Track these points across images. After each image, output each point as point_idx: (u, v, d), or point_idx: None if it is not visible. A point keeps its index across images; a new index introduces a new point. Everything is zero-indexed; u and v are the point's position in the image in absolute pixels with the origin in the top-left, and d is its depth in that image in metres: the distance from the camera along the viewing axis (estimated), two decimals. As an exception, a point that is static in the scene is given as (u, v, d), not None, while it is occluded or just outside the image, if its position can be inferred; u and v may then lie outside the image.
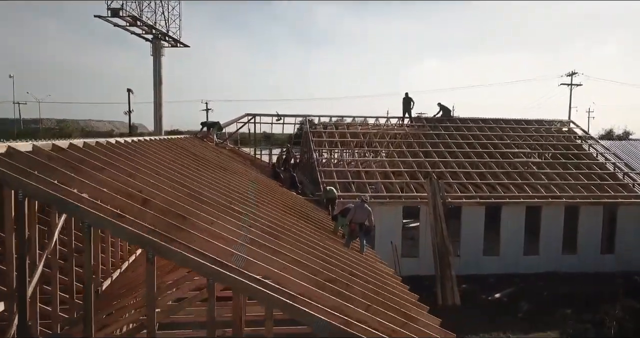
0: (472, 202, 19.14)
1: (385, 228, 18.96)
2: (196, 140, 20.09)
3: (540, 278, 19.48)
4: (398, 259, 18.94)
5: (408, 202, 18.94)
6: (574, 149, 23.75)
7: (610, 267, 20.31)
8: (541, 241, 20.10)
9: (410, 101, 25.43)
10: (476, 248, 19.69)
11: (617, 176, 21.89)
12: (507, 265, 19.76)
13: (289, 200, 14.80)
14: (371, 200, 18.43)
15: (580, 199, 19.79)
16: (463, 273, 19.24)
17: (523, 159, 22.39)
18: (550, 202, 19.50)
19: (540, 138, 24.69)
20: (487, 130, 24.97)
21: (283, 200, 14.16)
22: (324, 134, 24.09)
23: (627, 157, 24.87)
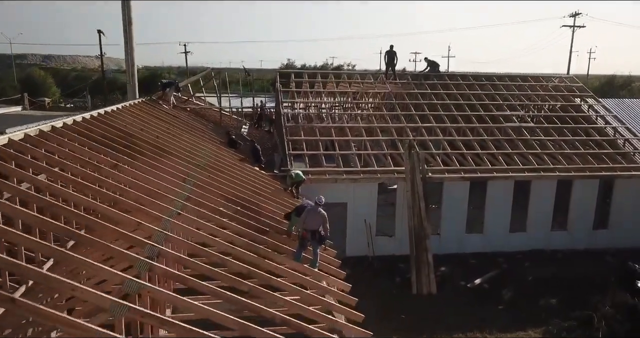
0: (456, 177, 17.18)
1: (358, 206, 17.16)
2: (145, 106, 17.66)
3: (526, 257, 17.99)
4: (372, 238, 17.32)
5: (384, 178, 16.94)
6: (572, 111, 21.50)
7: (602, 243, 18.84)
8: (529, 217, 18.40)
9: (395, 55, 22.76)
10: (458, 226, 18.01)
11: (617, 143, 19.85)
12: (491, 244, 18.20)
13: (240, 186, 12.74)
14: (343, 176, 16.47)
15: (575, 172, 17.86)
16: (443, 253, 17.77)
17: (515, 124, 20.19)
18: (542, 175, 17.57)
19: (535, 97, 22.34)
20: (477, 88, 22.53)
21: (231, 189, 12.11)
22: (295, 93, 21.64)
23: (628, 119, 22.73)
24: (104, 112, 13.68)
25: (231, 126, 23.90)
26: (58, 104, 54.56)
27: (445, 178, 17.17)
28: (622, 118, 21.68)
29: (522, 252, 18.30)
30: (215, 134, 19.34)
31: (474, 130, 19.76)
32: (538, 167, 17.78)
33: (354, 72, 23.56)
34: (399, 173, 16.96)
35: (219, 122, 22.30)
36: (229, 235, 9.17)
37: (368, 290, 15.43)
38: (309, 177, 16.23)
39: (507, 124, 20.16)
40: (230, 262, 7.96)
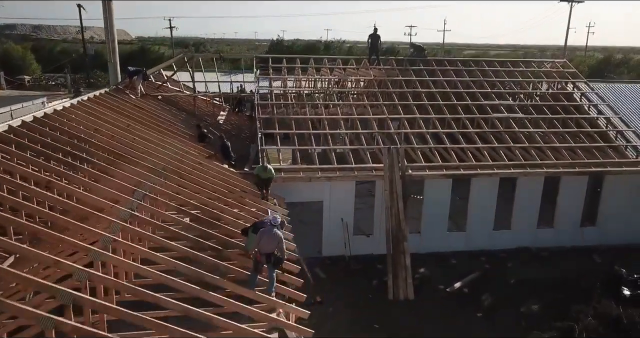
0: (437, 174, 16.29)
1: (335, 204, 16.33)
2: (107, 99, 16.53)
3: (510, 256, 17.30)
4: (349, 238, 16.57)
5: (361, 176, 16.03)
6: (563, 100, 20.46)
7: (590, 241, 18.15)
8: (514, 215, 17.62)
9: (379, 39, 21.53)
10: (440, 225, 17.23)
11: (609, 136, 18.92)
12: (474, 242, 17.50)
13: (200, 192, 11.82)
14: (318, 174, 15.58)
15: (563, 168, 16.99)
16: (424, 252, 17.07)
17: (503, 115, 19.16)
18: (528, 172, 16.70)
19: (525, 85, 21.27)
20: (465, 74, 21.40)
21: (189, 197, 11.20)
22: (273, 81, 20.46)
23: (622, 105, 21.77)
24: (53, 111, 12.60)
25: (207, 113, 22.83)
26: (39, 82, 52.86)
27: (426, 175, 16.28)
28: (616, 104, 20.67)
29: (506, 250, 17.61)
30: (185, 125, 18.30)
31: (459, 122, 18.76)
32: (524, 162, 16.88)
33: (336, 57, 22.32)
34: (377, 170, 16.06)
35: (193, 109, 21.20)
36: (170, 259, 8.30)
37: (342, 294, 14.81)
38: (282, 176, 15.34)
39: (495, 114, 19.14)
40: (164, 299, 7.14)
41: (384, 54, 22.37)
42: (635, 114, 21.47)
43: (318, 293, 14.58)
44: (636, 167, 17.35)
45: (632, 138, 18.83)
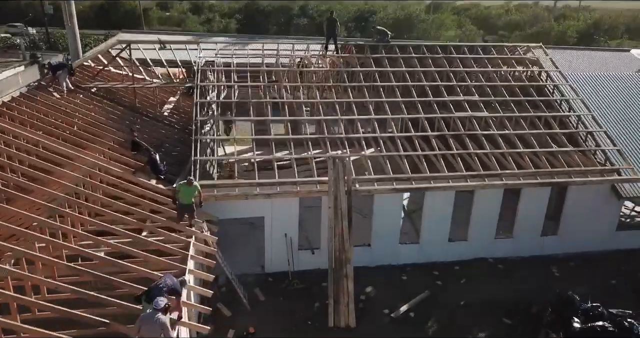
0: (387, 188, 15.00)
1: (277, 220, 15.14)
2: (24, 105, 14.75)
3: (465, 269, 16.42)
4: (292, 255, 15.50)
5: (304, 193, 14.69)
6: (533, 94, 18.87)
7: (550, 249, 17.34)
8: (471, 225, 16.58)
9: (336, 24, 19.54)
10: (391, 237, 16.17)
11: (579, 138, 17.59)
12: (428, 254, 16.55)
13: (108, 228, 10.51)
14: (256, 191, 14.24)
15: (524, 179, 15.76)
16: (375, 265, 16.13)
17: (467, 114, 17.66)
18: (486, 184, 15.47)
19: (495, 76, 19.60)
20: (430, 64, 19.62)
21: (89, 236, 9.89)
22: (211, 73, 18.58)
23: (598, 100, 20.33)
24: None
25: (153, 101, 21.00)
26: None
27: (375, 190, 14.99)
28: (588, 106, 19.23)
29: (462, 262, 16.73)
30: (120, 126, 16.63)
31: (417, 124, 17.30)
32: (483, 173, 15.60)
33: (290, 42, 20.31)
34: (322, 183, 14.72)
35: (134, 101, 19.40)
36: None
37: (280, 321, 13.86)
38: (214, 194, 13.98)
39: (458, 113, 17.64)
40: None
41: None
42: (613, 108, 20.01)
43: (253, 321, 13.70)
44: (602, 176, 16.17)
45: (603, 140, 17.52)
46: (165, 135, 18.29)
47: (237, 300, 14.21)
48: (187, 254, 11.53)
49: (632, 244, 17.85)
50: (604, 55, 39.71)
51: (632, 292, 15.61)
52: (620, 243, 17.72)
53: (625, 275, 16.43)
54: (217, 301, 14.08)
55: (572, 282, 15.79)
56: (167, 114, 20.39)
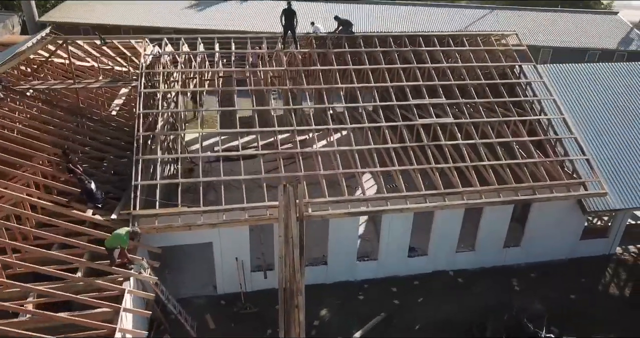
0: (341, 213, 14.24)
1: (227, 245, 14.47)
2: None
3: (424, 284, 16.14)
4: (244, 276, 14.98)
5: (252, 221, 13.89)
6: (504, 94, 17.75)
7: (513, 259, 17.11)
8: (432, 243, 16.09)
9: (294, 15, 17.90)
10: (348, 256, 15.65)
11: (549, 145, 16.75)
12: (387, 269, 16.16)
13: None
14: (200, 220, 13.44)
15: (486, 197, 15.05)
16: (331, 281, 15.74)
17: (432, 121, 16.62)
18: (445, 205, 14.77)
19: (464, 72, 18.34)
20: (395, 58, 18.25)
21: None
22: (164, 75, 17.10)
23: (573, 96, 19.30)
24: None
25: (99, 102, 19.54)
26: None
27: (329, 215, 14.23)
28: (561, 107, 18.26)
29: (421, 276, 16.40)
30: (53, 140, 15.37)
31: (379, 132, 16.29)
32: (443, 191, 14.83)
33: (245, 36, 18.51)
34: (274, 208, 13.91)
35: (76, 104, 17.95)
36: None
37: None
38: (156, 226, 13.14)
39: (422, 120, 16.61)
40: None
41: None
42: (589, 105, 18.98)
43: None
44: (568, 190, 15.53)
45: (573, 147, 16.72)
46: (111, 141, 17.08)
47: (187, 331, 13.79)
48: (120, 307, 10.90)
49: (594, 251, 17.62)
50: (590, 18, 38.14)
51: (589, 306, 15.53)
52: (583, 251, 17.45)
53: (585, 289, 16.28)
54: (167, 331, 13.70)
55: (531, 297, 15.67)
56: (116, 112, 19.00)
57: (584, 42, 35.19)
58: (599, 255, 17.72)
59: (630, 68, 20.59)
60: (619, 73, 20.27)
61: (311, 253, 15.52)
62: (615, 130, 18.23)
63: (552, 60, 35.42)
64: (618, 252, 18.00)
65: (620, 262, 17.58)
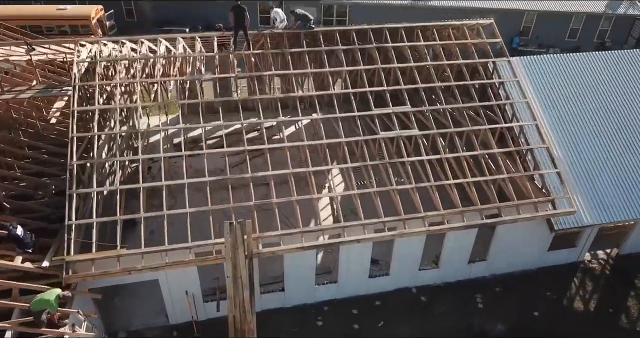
0: (293, 248, 13.38)
1: (174, 281, 13.71)
2: None
3: (386, 304, 15.76)
4: (196, 307, 14.36)
5: (198, 261, 13.00)
6: (474, 97, 16.47)
7: (478, 273, 16.65)
8: (393, 263, 15.44)
9: (244, 12, 16.09)
10: (306, 282, 15.01)
11: (519, 156, 15.74)
12: (347, 290, 15.64)
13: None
14: (140, 265, 12.56)
15: (449, 221, 14.25)
16: (290, 305, 15.24)
17: (395, 133, 15.44)
18: (404, 233, 13.94)
19: (433, 72, 16.89)
20: (359, 57, 16.72)
21: None
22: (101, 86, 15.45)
23: (551, 92, 18.05)
24: None
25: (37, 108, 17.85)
26: None
27: (281, 251, 13.36)
28: (538, 110, 17.09)
29: (384, 295, 15.92)
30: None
31: (339, 149, 15.14)
32: (403, 217, 13.96)
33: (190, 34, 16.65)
34: (221, 245, 13.01)
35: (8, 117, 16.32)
36: None
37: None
38: (92, 273, 12.23)
39: (384, 133, 15.43)
40: None
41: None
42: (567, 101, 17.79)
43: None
44: (536, 209, 14.73)
45: (544, 159, 15.76)
46: (49, 159, 15.77)
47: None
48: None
49: (562, 260, 17.21)
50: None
51: (552, 324, 15.30)
52: (551, 260, 17.03)
53: (549, 304, 15.98)
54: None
55: (495, 315, 15.40)
56: (56, 120, 17.43)
57: (569, 5, 33.21)
58: (568, 263, 17.31)
59: (617, 57, 19.16)
60: (605, 64, 18.84)
61: (269, 271, 14.91)
62: (594, 134, 17.21)
63: (537, 23, 33.69)
64: (587, 259, 17.58)
65: (587, 271, 17.20)
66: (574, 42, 34.10)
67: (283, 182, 14.73)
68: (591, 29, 33.90)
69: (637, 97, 18.11)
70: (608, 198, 15.96)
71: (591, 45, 34.00)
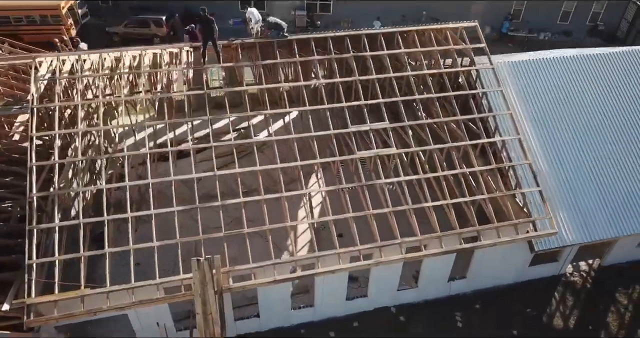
0: (266, 282, 12.98)
1: (144, 314, 13.36)
2: None
3: (364, 325, 15.67)
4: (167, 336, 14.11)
5: (165, 299, 12.58)
6: (456, 110, 15.81)
7: (458, 289, 16.43)
8: (371, 286, 15.16)
9: (213, 24, 15.15)
10: (281, 307, 14.72)
11: (500, 174, 15.24)
12: (325, 312, 15.41)
13: None
14: (106, 305, 12.17)
15: (426, 247, 13.86)
16: (265, 329, 15.03)
17: (372, 153, 14.81)
18: (380, 262, 13.56)
19: (415, 81, 16.13)
20: (335, 69, 15.89)
21: None
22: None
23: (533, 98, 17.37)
24: None
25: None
26: None
27: (253, 285, 12.97)
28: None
29: (362, 315, 15.73)
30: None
31: (312, 176, 14.54)
32: (379, 244, 13.53)
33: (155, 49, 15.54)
34: (189, 280, 12.60)
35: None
36: None
37: None
38: (55, 316, 11.82)
39: (361, 153, 14.81)
40: None
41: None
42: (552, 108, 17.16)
43: None
44: (516, 231, 14.34)
45: (526, 176, 15.26)
46: (13, 181, 15.11)
47: None
48: None
49: (544, 273, 17.01)
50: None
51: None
52: (532, 274, 16.83)
53: (529, 321, 15.85)
54: None
55: (474, 332, 15.28)
56: (20, 135, 16.60)
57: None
58: (549, 276, 17.11)
59: (608, 59, 18.37)
60: (597, 67, 18.09)
61: (245, 292, 14.58)
62: (580, 145, 16.67)
63: (527, 6, 32.50)
64: (568, 271, 17.38)
65: (568, 285, 17.04)
66: (566, 26, 33.00)
67: (256, 206, 14.20)
68: (584, 12, 32.72)
69: (630, 103, 17.46)
70: (591, 215, 15.60)
71: (583, 29, 32.99)
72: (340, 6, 32.38)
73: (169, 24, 30.47)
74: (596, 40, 32.57)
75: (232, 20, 31.88)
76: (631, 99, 17.66)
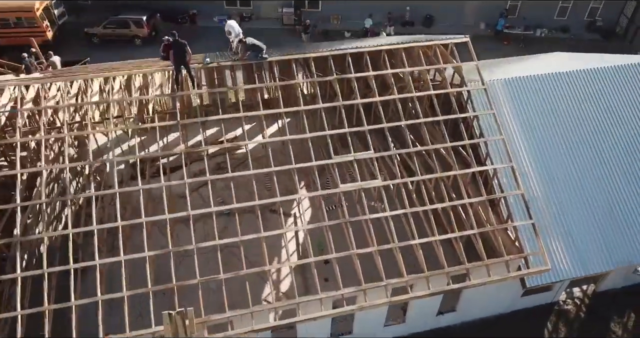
0: (244, 332, 12.29)
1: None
2: None
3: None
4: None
5: (137, 353, 11.94)
6: (445, 135, 14.95)
7: (447, 322, 15.86)
8: (356, 321, 14.56)
9: (185, 47, 14.12)
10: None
11: (491, 206, 14.49)
12: (308, 350, 14.78)
13: None
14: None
15: (412, 289, 13.20)
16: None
17: (355, 186, 14.00)
18: (364, 307, 12.88)
19: (402, 105, 15.21)
20: (317, 93, 14.97)
21: None
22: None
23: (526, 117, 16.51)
24: None
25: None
26: None
27: (231, 335, 12.30)
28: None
29: (346, 350, 15.17)
30: None
31: (292, 211, 13.75)
32: (363, 287, 12.82)
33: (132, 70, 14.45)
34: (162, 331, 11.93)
35: None
36: None
37: None
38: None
39: (344, 186, 13.98)
40: None
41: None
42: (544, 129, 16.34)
43: None
44: (507, 269, 13.67)
45: (519, 207, 14.52)
46: None
47: None
48: None
49: (537, 302, 16.47)
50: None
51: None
52: (524, 303, 16.27)
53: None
54: None
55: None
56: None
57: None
58: (542, 304, 16.57)
59: (606, 75, 17.41)
60: (596, 83, 17.16)
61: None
62: (577, 169, 15.88)
63: (523, 1, 31.31)
64: (562, 299, 16.82)
65: (561, 314, 16.50)
66: (563, 21, 31.85)
67: (233, 245, 13.45)
68: (582, 7, 31.55)
69: (633, 123, 16.64)
70: (586, 246, 14.92)
71: (581, 25, 31.87)
72: (328, 2, 31.10)
73: (150, 25, 29.18)
74: (594, 37, 31.52)
75: (217, 17, 30.72)
76: (634, 119, 16.79)
